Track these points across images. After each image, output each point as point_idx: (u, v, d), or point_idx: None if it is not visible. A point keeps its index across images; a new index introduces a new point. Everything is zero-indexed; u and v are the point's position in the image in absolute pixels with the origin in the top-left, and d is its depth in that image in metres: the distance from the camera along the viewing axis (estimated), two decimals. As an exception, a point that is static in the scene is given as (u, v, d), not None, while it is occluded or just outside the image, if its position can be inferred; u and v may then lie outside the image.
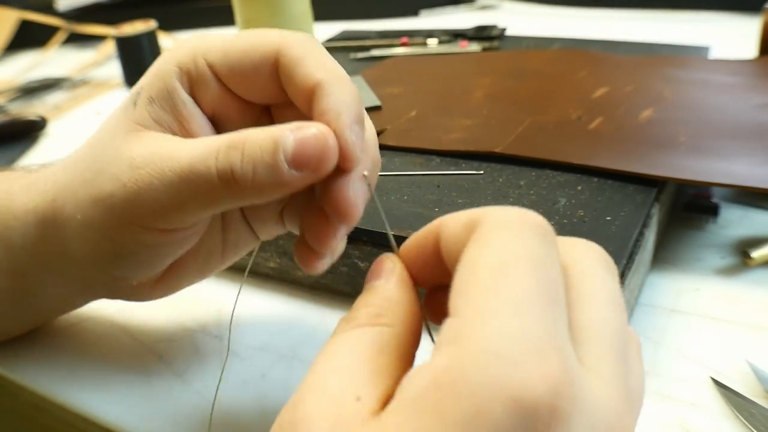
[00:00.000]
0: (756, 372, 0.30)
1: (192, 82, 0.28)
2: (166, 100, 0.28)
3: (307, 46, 0.27)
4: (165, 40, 0.95)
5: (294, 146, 0.25)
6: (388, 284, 0.22)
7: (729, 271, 0.38)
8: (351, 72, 0.63)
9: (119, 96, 0.82)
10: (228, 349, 0.35)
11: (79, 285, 0.33)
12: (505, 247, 0.18)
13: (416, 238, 0.23)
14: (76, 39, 1.06)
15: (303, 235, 0.29)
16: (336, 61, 0.27)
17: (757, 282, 0.37)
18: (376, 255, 0.36)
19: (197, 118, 0.29)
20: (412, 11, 1.03)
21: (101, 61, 0.96)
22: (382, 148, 0.46)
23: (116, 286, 0.32)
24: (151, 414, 0.32)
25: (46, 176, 0.32)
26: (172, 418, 0.31)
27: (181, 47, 0.29)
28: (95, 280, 0.32)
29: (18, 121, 0.71)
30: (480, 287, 0.17)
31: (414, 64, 0.65)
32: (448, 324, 0.18)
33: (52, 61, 1.01)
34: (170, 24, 1.02)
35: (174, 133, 0.28)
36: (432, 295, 0.23)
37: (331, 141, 0.25)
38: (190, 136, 0.28)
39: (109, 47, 0.97)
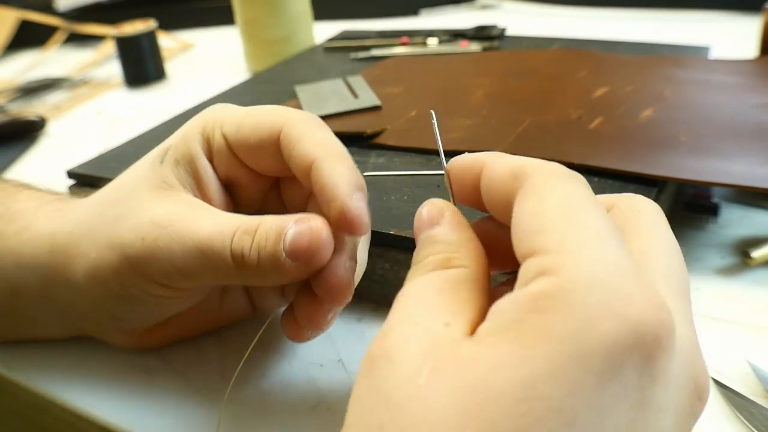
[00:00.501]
0: (756, 372, 0.30)
1: (211, 150, 0.30)
2: (189, 164, 0.30)
3: (307, 125, 0.29)
4: (165, 39, 0.95)
5: (291, 238, 0.26)
6: (446, 228, 0.22)
7: (729, 271, 0.38)
8: (351, 72, 0.63)
9: (119, 96, 0.82)
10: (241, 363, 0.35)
11: (73, 317, 0.34)
12: (566, 192, 0.19)
13: (459, 164, 0.24)
14: (75, 39, 1.06)
15: (292, 309, 0.30)
16: (335, 139, 0.29)
17: (757, 282, 0.37)
18: (377, 255, 0.36)
19: (213, 183, 0.31)
20: (412, 11, 1.03)
21: (101, 61, 0.96)
22: (383, 148, 0.46)
23: (108, 328, 0.33)
24: (151, 414, 0.32)
25: (71, 208, 0.33)
26: (173, 418, 0.31)
27: (207, 116, 0.31)
28: (91, 316, 0.33)
29: (18, 121, 0.71)
30: (556, 225, 0.18)
31: (414, 64, 0.65)
32: (530, 263, 0.18)
33: (51, 61, 1.01)
34: (170, 24, 1.02)
35: (193, 195, 0.30)
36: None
37: (325, 235, 0.26)
38: (206, 199, 0.30)
39: (109, 47, 0.97)
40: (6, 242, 0.33)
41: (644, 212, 0.22)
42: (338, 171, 0.27)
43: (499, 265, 0.24)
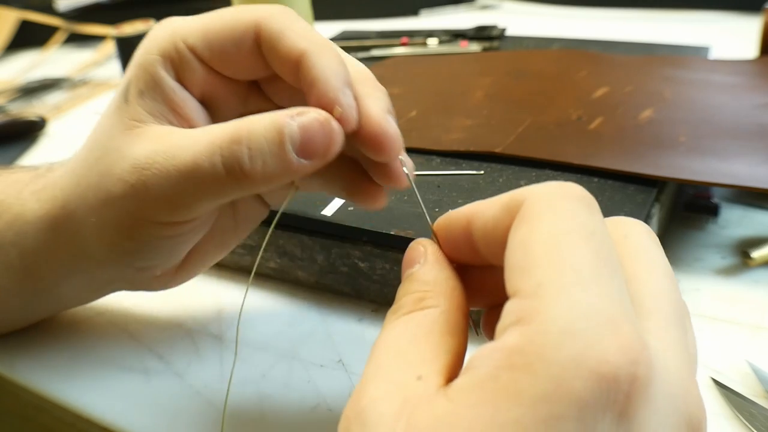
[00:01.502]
0: (756, 372, 0.30)
1: (176, 67, 0.28)
2: (155, 91, 0.28)
3: (286, 18, 0.27)
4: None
5: (301, 136, 0.25)
6: (424, 268, 0.22)
7: (729, 271, 0.38)
8: (351, 72, 0.63)
9: (119, 96, 0.82)
10: (235, 353, 0.35)
11: (98, 282, 0.33)
12: (555, 222, 0.18)
13: (446, 220, 0.23)
14: (76, 39, 1.06)
15: (352, 190, 0.29)
16: (316, 30, 0.27)
17: (757, 282, 0.37)
18: (377, 255, 0.36)
19: (189, 102, 0.29)
20: (412, 11, 1.03)
21: (101, 61, 0.96)
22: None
23: (139, 279, 0.32)
24: (151, 414, 0.32)
25: (54, 182, 0.32)
26: (172, 418, 0.31)
27: (159, 33, 0.28)
28: (117, 276, 0.32)
29: (18, 121, 0.71)
30: (538, 264, 0.17)
31: (414, 64, 0.65)
32: (511, 305, 0.18)
33: (52, 61, 1.01)
34: (170, 24, 1.02)
35: (170, 122, 0.28)
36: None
37: (335, 126, 0.25)
38: (186, 122, 0.29)
39: (109, 47, 0.97)
40: (3, 236, 0.32)
41: (631, 237, 0.21)
42: (329, 66, 0.25)
43: (490, 301, 0.23)
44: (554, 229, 0.18)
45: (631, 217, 0.22)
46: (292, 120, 0.25)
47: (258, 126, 0.25)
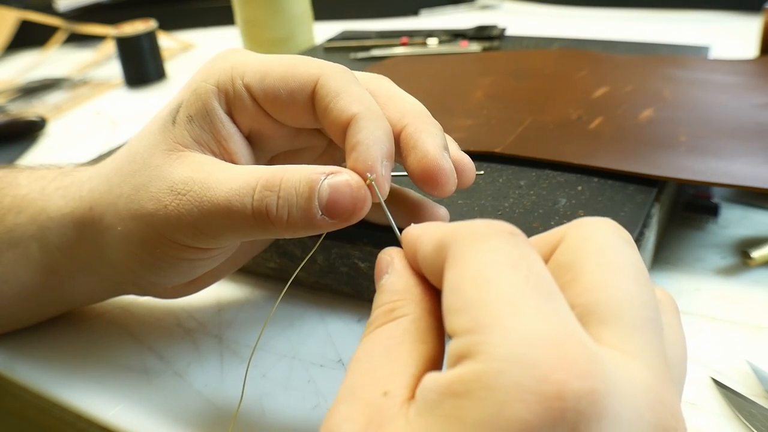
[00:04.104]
0: (756, 372, 0.30)
1: (230, 102, 0.29)
2: (204, 120, 0.29)
3: (344, 79, 0.28)
4: (165, 39, 0.95)
5: (329, 196, 0.25)
6: (392, 277, 0.22)
7: (729, 271, 0.38)
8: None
9: (119, 96, 0.82)
10: (250, 359, 0.35)
11: (112, 284, 0.34)
12: (480, 260, 0.18)
13: (407, 239, 0.23)
14: (76, 39, 1.06)
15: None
16: (370, 96, 0.28)
17: (757, 282, 0.37)
18: (376, 255, 0.36)
19: (235, 136, 0.29)
20: (412, 11, 1.03)
21: (101, 61, 0.96)
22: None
23: (149, 287, 0.33)
24: (151, 414, 0.32)
25: (81, 181, 0.33)
26: (173, 418, 0.31)
27: (219, 65, 0.29)
28: (130, 281, 0.33)
29: (18, 121, 0.71)
30: (470, 303, 0.17)
31: (414, 64, 0.65)
32: (451, 346, 0.18)
33: (52, 61, 1.01)
34: (170, 24, 1.02)
35: (213, 152, 0.29)
36: None
37: (364, 193, 0.26)
38: (228, 155, 0.29)
39: (109, 47, 0.97)
40: (25, 229, 0.33)
41: (590, 240, 0.20)
42: (375, 134, 0.26)
43: None
44: (480, 268, 0.18)
45: (600, 217, 0.21)
46: (327, 177, 0.26)
47: (292, 177, 0.26)
